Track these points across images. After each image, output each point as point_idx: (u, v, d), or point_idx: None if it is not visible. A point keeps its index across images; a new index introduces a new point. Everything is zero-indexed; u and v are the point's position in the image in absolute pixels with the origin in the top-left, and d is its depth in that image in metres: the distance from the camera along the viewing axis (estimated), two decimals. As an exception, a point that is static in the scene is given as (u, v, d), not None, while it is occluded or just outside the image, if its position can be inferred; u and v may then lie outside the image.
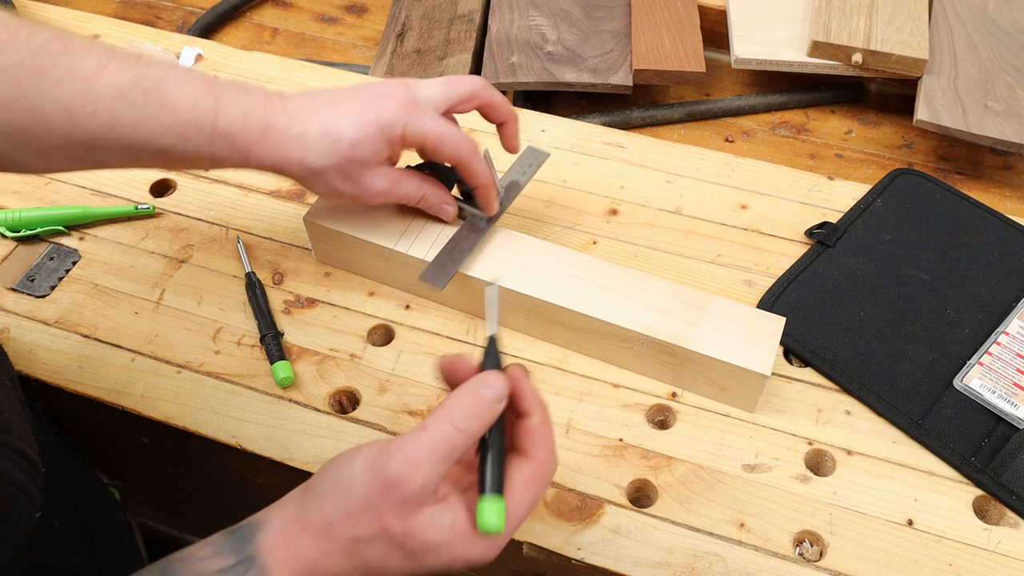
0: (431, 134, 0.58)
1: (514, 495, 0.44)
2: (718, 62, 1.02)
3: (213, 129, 0.55)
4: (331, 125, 0.57)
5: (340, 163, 0.57)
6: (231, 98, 0.56)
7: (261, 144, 0.56)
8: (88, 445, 0.77)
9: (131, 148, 0.55)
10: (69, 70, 0.52)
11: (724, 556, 0.56)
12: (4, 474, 0.50)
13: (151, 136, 0.54)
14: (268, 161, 0.57)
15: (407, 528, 0.42)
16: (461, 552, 0.43)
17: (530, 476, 0.45)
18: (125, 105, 0.53)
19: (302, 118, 0.57)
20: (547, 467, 0.46)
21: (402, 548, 0.43)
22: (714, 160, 0.79)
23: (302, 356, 0.65)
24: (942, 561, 0.55)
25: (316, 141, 0.56)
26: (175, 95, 0.54)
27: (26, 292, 0.70)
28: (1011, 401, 0.61)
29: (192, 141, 0.55)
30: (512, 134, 0.65)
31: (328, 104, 0.58)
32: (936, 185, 0.76)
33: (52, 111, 0.52)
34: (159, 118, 0.54)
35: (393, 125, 0.57)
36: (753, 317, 0.61)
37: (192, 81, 0.55)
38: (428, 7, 1.03)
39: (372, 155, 0.58)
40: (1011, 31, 0.91)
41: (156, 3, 1.13)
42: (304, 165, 0.57)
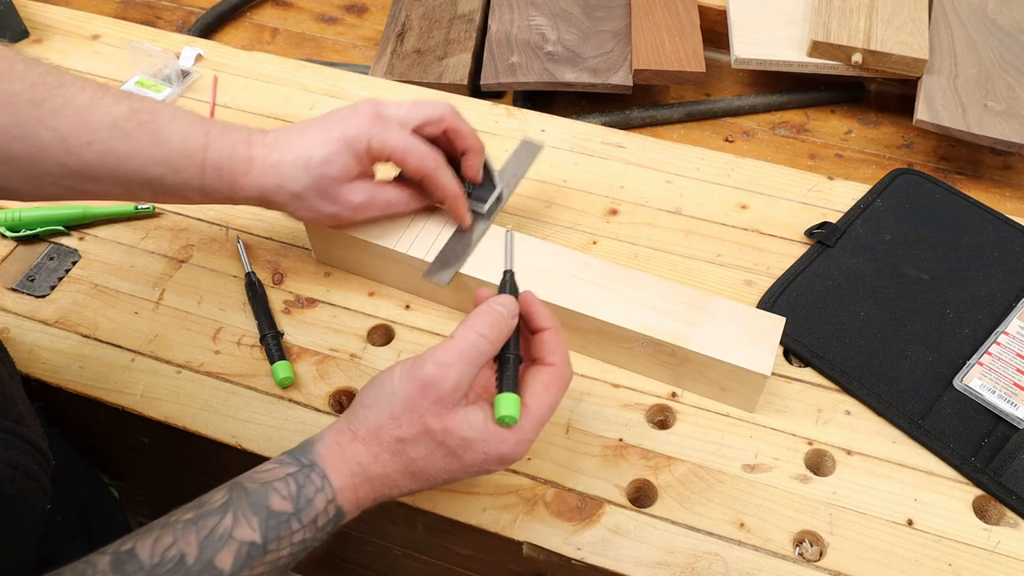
0: (396, 147, 0.60)
1: (535, 395, 0.49)
2: (718, 62, 1.02)
3: (203, 161, 0.58)
4: (302, 149, 0.59)
5: (315, 182, 0.59)
6: (219, 133, 0.59)
7: (246, 175, 0.59)
8: (88, 445, 0.77)
9: (123, 178, 0.57)
10: (65, 102, 0.55)
11: (724, 556, 0.56)
12: (20, 465, 0.51)
13: (143, 167, 0.57)
14: (253, 191, 0.60)
15: (445, 425, 0.47)
16: (494, 448, 0.48)
17: (548, 379, 0.50)
18: (119, 136, 0.56)
19: (277, 147, 0.60)
20: (563, 371, 0.51)
21: (443, 445, 0.47)
22: (714, 160, 0.79)
23: (302, 356, 0.65)
24: (942, 561, 0.55)
25: (291, 166, 0.59)
26: (167, 128, 0.57)
27: (26, 292, 0.70)
28: (1011, 401, 0.61)
29: (183, 172, 0.58)
30: (473, 165, 0.65)
31: (301, 131, 0.60)
32: (936, 185, 0.76)
33: (47, 139, 0.55)
34: (152, 149, 0.57)
35: (358, 139, 0.59)
36: (753, 317, 0.61)
37: (183, 117, 0.59)
38: (428, 7, 1.03)
39: (343, 170, 0.60)
40: (1011, 31, 0.91)
41: (156, 3, 1.13)
42: (284, 191, 0.59)
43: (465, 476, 0.49)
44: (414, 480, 0.49)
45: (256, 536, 0.43)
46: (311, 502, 0.45)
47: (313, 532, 0.45)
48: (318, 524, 0.46)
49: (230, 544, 0.42)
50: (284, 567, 0.44)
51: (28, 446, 0.52)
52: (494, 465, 0.49)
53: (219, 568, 0.41)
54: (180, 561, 0.41)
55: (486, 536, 0.57)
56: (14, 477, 0.50)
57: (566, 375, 0.51)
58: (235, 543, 0.42)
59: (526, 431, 0.49)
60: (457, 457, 0.48)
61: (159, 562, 0.40)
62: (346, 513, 0.47)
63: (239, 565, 0.42)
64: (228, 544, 0.42)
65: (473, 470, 0.49)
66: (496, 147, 0.80)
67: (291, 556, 0.45)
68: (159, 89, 0.85)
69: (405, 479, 0.49)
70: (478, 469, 0.49)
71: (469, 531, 0.58)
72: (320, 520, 0.46)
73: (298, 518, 0.45)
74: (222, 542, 0.42)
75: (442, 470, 0.48)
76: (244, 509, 0.44)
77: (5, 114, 0.53)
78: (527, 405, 0.49)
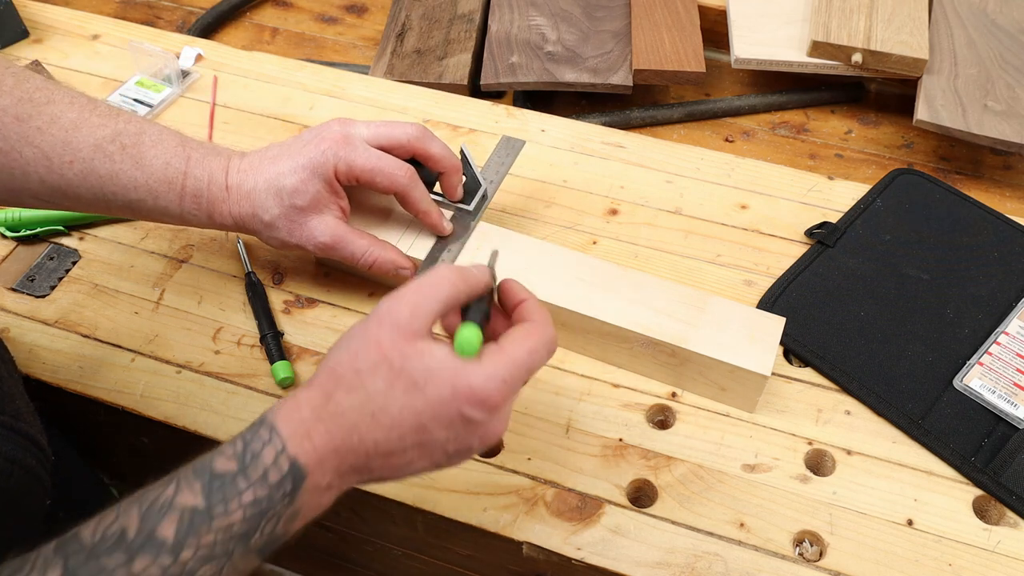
0: (364, 167, 0.60)
1: (512, 340, 0.45)
2: (718, 62, 1.02)
3: (182, 188, 0.59)
4: (273, 177, 0.59)
5: (285, 212, 0.60)
6: (199, 160, 0.59)
7: (223, 202, 0.60)
8: (88, 445, 0.77)
9: (102, 198, 0.58)
10: (51, 119, 0.56)
11: (724, 556, 0.56)
12: (19, 460, 0.51)
13: (123, 190, 0.58)
14: (229, 219, 0.60)
15: (403, 351, 0.43)
16: (462, 380, 0.43)
17: (527, 330, 0.46)
18: (102, 158, 0.57)
19: (251, 174, 0.60)
20: (544, 328, 0.47)
21: (402, 375, 0.43)
22: (714, 160, 0.79)
23: (302, 356, 0.65)
24: (942, 561, 0.55)
25: (263, 195, 0.59)
26: (149, 153, 0.58)
27: (26, 292, 0.70)
28: (1011, 401, 0.61)
29: (162, 199, 0.59)
30: (451, 185, 0.65)
31: (274, 157, 0.60)
32: (936, 185, 0.76)
33: (30, 156, 0.55)
34: (133, 173, 0.58)
35: (325, 164, 0.59)
36: (753, 317, 0.61)
37: (166, 141, 0.59)
38: (428, 7, 1.03)
39: (312, 200, 0.60)
40: (1011, 31, 0.91)
41: (156, 3, 1.13)
42: (257, 219, 0.60)
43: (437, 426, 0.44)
44: (377, 425, 0.43)
45: (199, 501, 0.40)
46: (258, 456, 0.42)
47: (267, 490, 0.41)
48: (270, 480, 0.41)
49: (171, 512, 0.39)
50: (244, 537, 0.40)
51: (26, 441, 0.52)
52: (467, 406, 0.43)
53: (161, 538, 0.39)
54: (121, 536, 0.38)
55: (486, 536, 0.57)
56: (12, 472, 0.50)
57: (547, 332, 0.47)
58: (176, 511, 0.39)
59: (498, 367, 0.44)
60: (420, 391, 0.43)
61: (100, 539, 0.38)
62: (304, 466, 0.42)
63: (183, 534, 0.39)
64: (169, 513, 0.39)
65: (444, 416, 0.44)
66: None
67: (247, 522, 0.41)
68: (159, 89, 0.85)
69: (366, 422, 0.43)
70: (450, 415, 0.44)
71: (469, 531, 0.58)
72: (272, 475, 0.41)
73: (244, 475, 0.41)
74: (163, 512, 0.39)
75: (407, 410, 0.43)
76: (187, 476, 0.41)
77: None
78: (501, 346, 0.45)
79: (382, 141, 0.61)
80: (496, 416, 0.45)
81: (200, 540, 0.39)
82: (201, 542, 0.39)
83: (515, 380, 0.45)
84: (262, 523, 0.41)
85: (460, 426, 0.44)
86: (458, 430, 0.44)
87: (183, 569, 0.39)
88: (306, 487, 0.42)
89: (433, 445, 0.45)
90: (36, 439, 0.53)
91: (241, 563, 0.41)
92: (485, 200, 0.68)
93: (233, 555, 0.40)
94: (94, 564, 0.37)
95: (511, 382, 0.45)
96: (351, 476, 0.45)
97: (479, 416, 0.44)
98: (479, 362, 0.44)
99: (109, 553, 0.38)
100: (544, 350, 0.46)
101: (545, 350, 0.46)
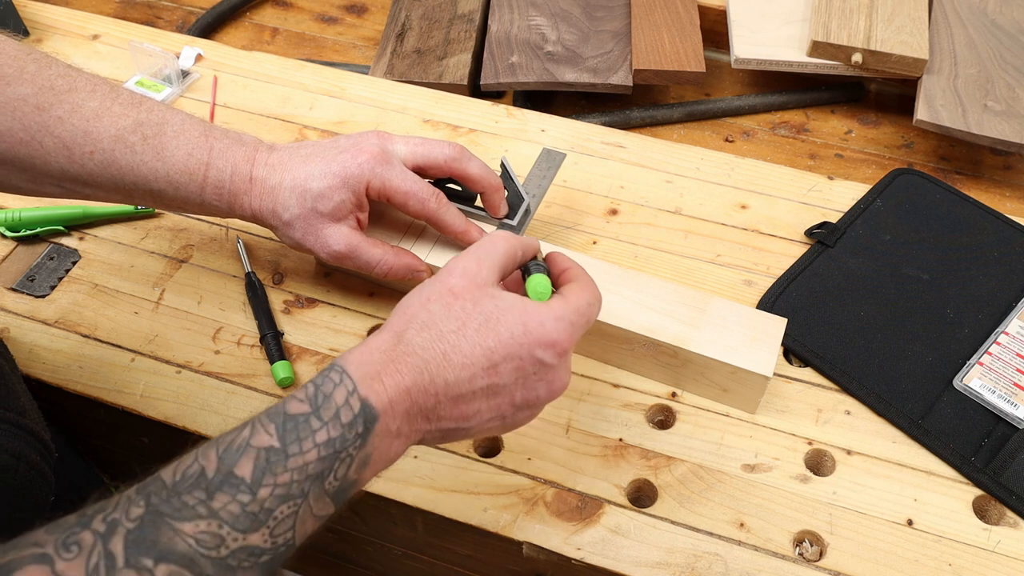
0: (398, 190, 0.59)
1: (570, 291, 0.49)
2: (718, 62, 1.02)
3: (204, 179, 0.58)
4: (301, 178, 0.59)
5: (306, 215, 0.59)
6: (222, 151, 0.59)
7: (245, 195, 0.59)
8: (88, 445, 0.77)
9: (123, 188, 0.58)
10: (72, 108, 0.55)
11: (724, 556, 0.56)
12: (24, 456, 0.51)
13: (144, 180, 0.57)
14: (248, 211, 0.60)
15: (475, 295, 0.46)
16: (533, 317, 0.46)
17: (581, 286, 0.50)
18: (123, 149, 0.56)
19: (279, 170, 0.59)
20: (594, 286, 0.50)
21: (474, 314, 0.45)
22: (714, 160, 0.79)
23: (302, 356, 0.65)
24: (942, 561, 0.55)
25: (287, 193, 0.59)
26: (171, 144, 0.57)
27: (26, 292, 0.70)
28: (1011, 401, 0.61)
29: (183, 189, 0.58)
30: (493, 204, 0.64)
31: (305, 157, 0.60)
32: (936, 185, 0.76)
33: (51, 146, 0.55)
34: (154, 164, 0.57)
35: (359, 178, 0.58)
36: (754, 318, 0.61)
37: (189, 130, 0.58)
38: (428, 7, 1.03)
39: (336, 207, 0.59)
40: (1011, 31, 0.91)
41: (156, 3, 1.13)
42: (276, 216, 0.59)
43: (507, 367, 0.45)
44: (448, 363, 0.44)
45: (274, 440, 0.41)
46: (329, 397, 0.42)
47: (339, 430, 0.42)
48: (342, 419, 0.42)
49: (248, 452, 0.40)
50: (319, 478, 0.41)
51: (31, 437, 0.53)
52: (539, 347, 0.45)
53: (239, 476, 0.39)
54: (200, 475, 0.39)
55: (486, 536, 0.57)
56: (17, 468, 0.50)
57: (597, 290, 0.50)
58: (253, 450, 0.40)
59: (567, 310, 0.47)
60: (493, 329, 0.45)
61: (180, 479, 0.39)
62: (374, 407, 0.43)
63: (260, 472, 0.40)
64: (246, 452, 0.40)
65: (515, 355, 0.45)
66: (496, 147, 0.80)
67: (321, 461, 0.41)
68: (159, 89, 0.85)
69: (437, 360, 0.44)
70: (521, 355, 0.45)
71: (469, 531, 0.58)
72: (344, 415, 0.42)
73: (317, 415, 0.42)
74: (240, 452, 0.40)
75: (479, 348, 0.45)
76: (262, 419, 0.42)
77: (11, 118, 0.54)
78: (563, 295, 0.48)
79: (419, 160, 0.61)
80: (563, 362, 0.47)
81: (277, 479, 0.40)
82: (278, 480, 0.40)
83: (578, 326, 0.47)
84: (336, 464, 0.42)
85: (530, 368, 0.46)
86: (527, 373, 0.46)
87: (261, 507, 0.39)
88: (377, 430, 0.43)
89: (502, 392, 0.46)
90: (40, 435, 0.54)
91: (316, 506, 0.42)
92: (528, 215, 0.67)
93: (308, 496, 0.41)
94: (176, 500, 0.38)
95: (577, 327, 0.47)
96: (420, 421, 0.45)
97: (549, 358, 0.46)
98: (548, 305, 0.47)
99: (190, 491, 0.39)
100: (597, 304, 0.50)
101: (598, 304, 0.50)
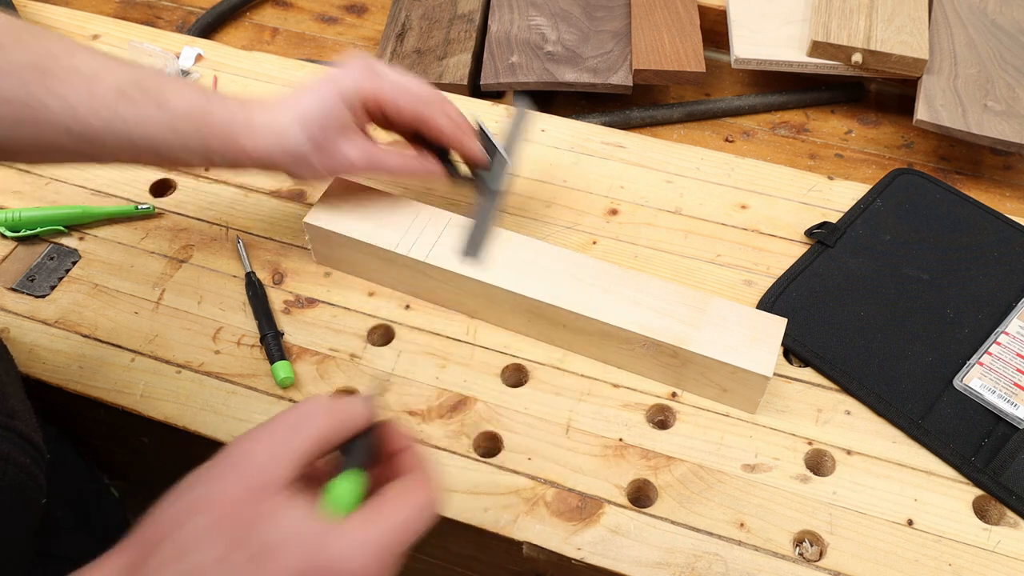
0: (389, 91, 0.61)
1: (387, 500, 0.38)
2: (718, 62, 1.02)
3: (207, 126, 0.59)
4: (299, 109, 0.61)
5: (314, 139, 0.60)
6: (220, 103, 0.60)
7: (247, 139, 0.60)
8: (88, 445, 0.77)
9: (128, 144, 0.58)
10: (72, 70, 0.56)
11: (724, 556, 0.56)
12: (12, 458, 0.51)
13: (148, 133, 0.58)
14: (255, 154, 0.61)
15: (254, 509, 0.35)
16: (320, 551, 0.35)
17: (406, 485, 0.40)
18: (125, 103, 0.57)
19: (277, 110, 0.61)
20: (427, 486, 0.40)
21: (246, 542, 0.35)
22: (714, 160, 0.79)
23: (302, 356, 0.65)
24: (942, 561, 0.55)
25: (290, 126, 0.60)
26: (171, 95, 0.59)
27: (26, 292, 0.70)
28: (1011, 401, 0.61)
29: (187, 138, 0.59)
30: (472, 150, 0.65)
31: (296, 94, 0.62)
32: (936, 185, 0.76)
33: (56, 107, 0.55)
34: (157, 115, 0.58)
35: (352, 89, 0.61)
36: (754, 318, 0.61)
37: (184, 84, 0.61)
38: (428, 7, 1.03)
39: (339, 123, 0.61)
40: (1011, 31, 0.91)
41: (156, 3, 1.13)
42: (286, 151, 0.61)
43: None
44: None
45: None
46: None
47: None
48: None
49: None
50: None
51: (21, 440, 0.52)
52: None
53: None
54: None
55: (486, 536, 0.57)
56: (5, 470, 0.49)
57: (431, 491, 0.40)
58: None
59: (374, 535, 0.36)
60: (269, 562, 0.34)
61: None
62: None
63: None
64: None
65: None
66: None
67: None
68: (159, 89, 0.85)
69: None
70: None
71: (469, 531, 0.58)
72: None
73: None
74: None
75: None
76: None
77: (13, 83, 0.54)
78: (377, 508, 0.38)
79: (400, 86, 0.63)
80: None
81: None
82: None
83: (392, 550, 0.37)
84: None
85: None
86: None
87: None
88: None
89: None
90: (31, 438, 0.53)
91: None
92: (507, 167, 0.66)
93: None
94: None
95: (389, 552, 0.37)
96: None
97: None
98: (347, 527, 0.36)
99: None
100: (427, 512, 0.39)
101: (429, 510, 0.39)
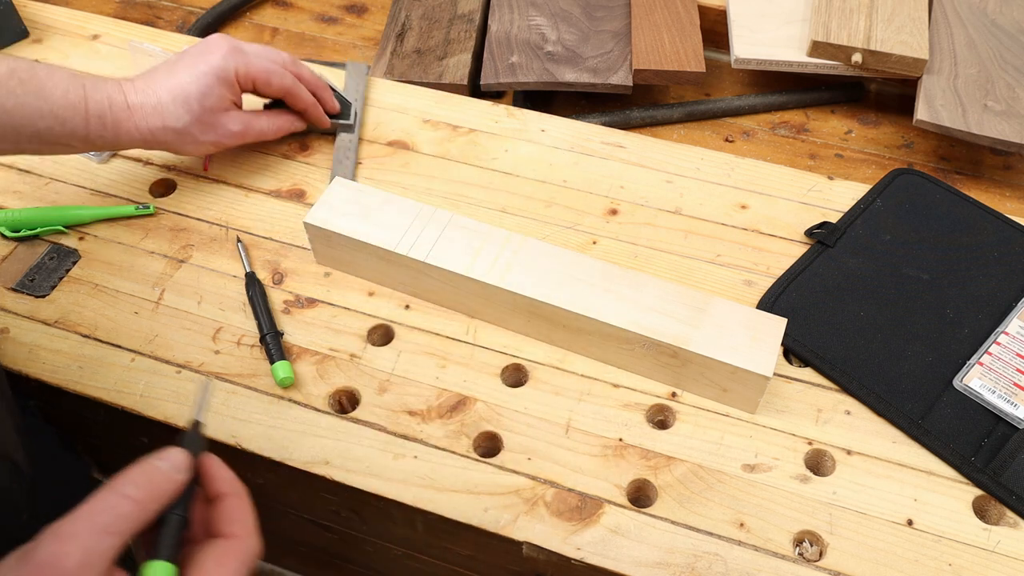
0: (260, 71, 0.70)
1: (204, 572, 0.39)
2: (718, 62, 1.02)
3: (86, 111, 0.63)
4: (177, 88, 0.66)
5: (197, 117, 0.67)
6: (94, 85, 0.64)
7: (128, 121, 0.65)
8: (88, 445, 0.77)
9: (11, 132, 0.62)
10: None
11: (724, 556, 0.56)
12: None
13: (30, 120, 0.62)
14: (138, 135, 0.66)
15: None
16: None
17: (222, 552, 0.40)
18: (5, 93, 0.61)
19: (152, 89, 0.66)
20: (244, 543, 0.41)
21: None
22: (714, 160, 0.79)
23: (302, 356, 0.65)
24: (942, 561, 0.55)
25: (171, 106, 0.66)
26: (47, 83, 0.63)
27: (26, 292, 0.70)
28: (1011, 401, 0.61)
29: (68, 124, 0.63)
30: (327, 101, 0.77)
31: (167, 72, 0.67)
32: (936, 185, 0.76)
33: None
34: (37, 103, 0.62)
35: (226, 69, 0.68)
36: (754, 318, 0.61)
37: (59, 72, 0.64)
38: (428, 7, 1.03)
39: (218, 100, 0.68)
40: (1011, 31, 0.91)
41: (156, 3, 1.13)
42: (169, 129, 0.67)
43: None
44: None
45: None
46: None
47: None
48: None
49: None
50: None
51: None
52: None
53: None
54: None
55: (486, 536, 0.57)
56: None
57: (248, 548, 0.40)
58: None
59: None
60: None
61: None
62: None
63: None
64: None
65: None
66: (496, 147, 0.80)
67: None
68: (159, 89, 0.85)
69: None
70: None
71: (469, 531, 0.58)
72: None
73: None
74: None
75: None
76: None
77: None
78: None
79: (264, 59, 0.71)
80: None
81: None
82: None
83: None
84: None
85: None
86: None
87: None
88: None
89: None
90: (10, 455, 0.52)
91: None
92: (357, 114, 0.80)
93: None
94: None
95: None
96: None
97: None
98: None
99: None
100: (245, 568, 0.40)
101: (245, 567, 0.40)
